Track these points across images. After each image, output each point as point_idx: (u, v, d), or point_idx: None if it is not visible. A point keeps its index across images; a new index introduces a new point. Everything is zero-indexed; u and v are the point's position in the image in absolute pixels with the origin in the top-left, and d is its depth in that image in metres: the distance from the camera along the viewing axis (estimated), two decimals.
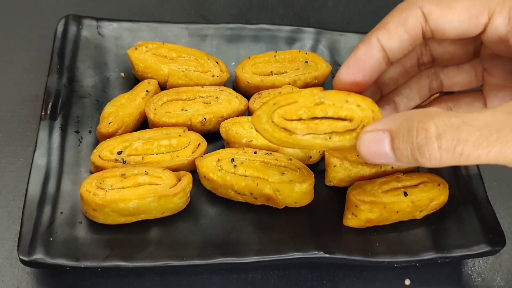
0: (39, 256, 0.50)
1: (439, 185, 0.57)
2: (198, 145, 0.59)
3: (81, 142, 0.60)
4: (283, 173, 0.56)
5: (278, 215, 0.57)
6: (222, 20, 0.75)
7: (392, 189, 0.57)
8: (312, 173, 0.57)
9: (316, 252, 0.54)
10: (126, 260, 0.51)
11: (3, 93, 0.67)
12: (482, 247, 0.55)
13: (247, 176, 0.56)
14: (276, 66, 0.66)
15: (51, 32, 0.67)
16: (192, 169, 0.58)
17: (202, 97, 0.62)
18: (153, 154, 0.58)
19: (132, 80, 0.66)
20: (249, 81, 0.65)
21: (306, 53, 0.68)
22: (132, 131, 0.60)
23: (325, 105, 0.43)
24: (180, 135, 0.59)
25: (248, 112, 0.64)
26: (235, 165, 0.57)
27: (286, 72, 0.66)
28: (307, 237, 0.55)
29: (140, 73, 0.65)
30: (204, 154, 0.58)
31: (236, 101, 0.63)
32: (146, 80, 0.64)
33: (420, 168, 0.62)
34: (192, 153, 0.58)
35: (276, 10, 0.82)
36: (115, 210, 0.52)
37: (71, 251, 0.51)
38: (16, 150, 0.62)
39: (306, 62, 0.67)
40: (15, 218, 0.56)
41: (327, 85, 0.68)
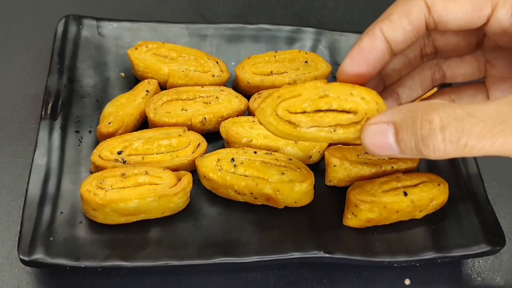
0: (39, 256, 0.50)
1: (439, 185, 0.57)
2: (198, 145, 0.59)
3: (81, 142, 0.60)
4: (283, 173, 0.56)
5: (278, 215, 0.57)
6: (222, 20, 0.75)
7: (392, 189, 0.57)
8: (312, 173, 0.57)
9: (316, 252, 0.54)
10: (126, 260, 0.51)
11: (3, 93, 0.67)
12: (482, 247, 0.55)
13: (247, 176, 0.56)
14: (276, 66, 0.66)
15: (51, 32, 0.67)
16: (192, 169, 0.58)
17: (202, 97, 0.63)
18: (153, 154, 0.58)
19: (132, 80, 0.66)
20: (249, 81, 0.65)
21: (306, 53, 0.68)
22: (132, 131, 0.60)
23: (330, 98, 0.43)
24: (180, 135, 0.59)
25: (248, 112, 0.64)
26: (235, 165, 0.57)
27: (286, 72, 0.66)
28: (307, 237, 0.55)
29: (140, 73, 0.65)
30: (204, 154, 0.58)
31: (236, 101, 0.63)
32: (146, 80, 0.64)
33: (420, 168, 0.62)
34: (192, 153, 0.58)
35: (276, 10, 0.82)
36: (115, 210, 0.52)
37: (71, 251, 0.51)
38: (16, 150, 0.62)
39: (306, 62, 0.67)
40: (15, 218, 0.56)
41: None
